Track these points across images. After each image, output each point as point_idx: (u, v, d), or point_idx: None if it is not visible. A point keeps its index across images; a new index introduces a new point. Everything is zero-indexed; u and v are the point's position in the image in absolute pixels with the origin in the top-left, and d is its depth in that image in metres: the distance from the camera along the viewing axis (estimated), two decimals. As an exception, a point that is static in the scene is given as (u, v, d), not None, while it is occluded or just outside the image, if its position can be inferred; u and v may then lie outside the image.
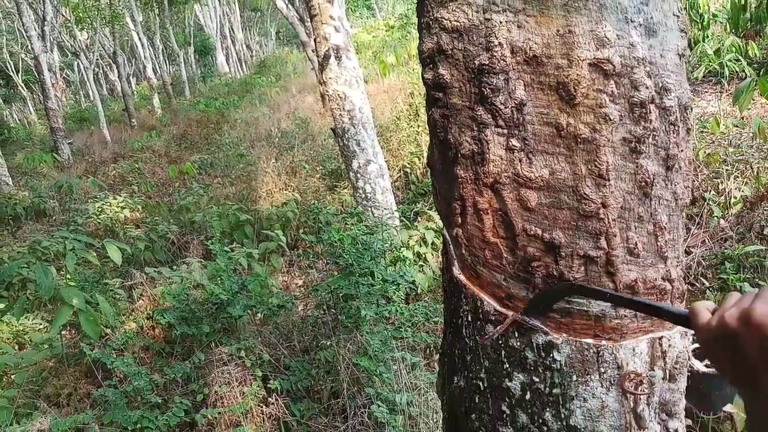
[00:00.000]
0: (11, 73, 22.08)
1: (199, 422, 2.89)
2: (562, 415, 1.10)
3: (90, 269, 5.18)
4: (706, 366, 1.42)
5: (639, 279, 1.05)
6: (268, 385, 3.36)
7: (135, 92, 25.20)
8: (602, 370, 1.07)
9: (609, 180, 1.00)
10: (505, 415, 1.17)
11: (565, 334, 1.08)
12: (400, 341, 3.20)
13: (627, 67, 0.98)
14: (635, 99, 0.99)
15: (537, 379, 1.11)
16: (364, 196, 5.28)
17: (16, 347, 5.10)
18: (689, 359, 1.33)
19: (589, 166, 0.99)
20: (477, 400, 1.22)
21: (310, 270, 5.16)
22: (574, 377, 1.08)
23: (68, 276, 4.45)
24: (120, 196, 10.12)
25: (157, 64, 24.47)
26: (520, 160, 1.02)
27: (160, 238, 6.40)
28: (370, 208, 5.23)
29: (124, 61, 22.30)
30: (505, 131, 1.03)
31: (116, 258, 3.91)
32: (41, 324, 4.55)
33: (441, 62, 1.08)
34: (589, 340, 1.07)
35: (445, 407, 1.37)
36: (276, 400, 3.30)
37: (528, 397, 1.13)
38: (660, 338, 1.10)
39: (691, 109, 1.10)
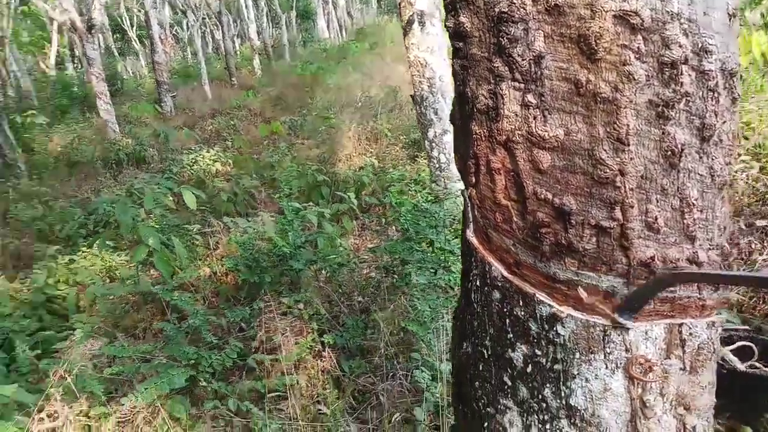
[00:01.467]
0: (126, 28, 23.41)
1: (251, 365, 3.00)
2: (562, 393, 1.05)
3: (174, 215, 5.47)
4: (750, 367, 1.31)
5: (657, 257, 0.96)
6: (323, 339, 3.44)
7: (238, 52, 26.06)
8: (608, 350, 1.00)
9: (629, 145, 0.91)
10: (506, 387, 1.13)
11: (571, 309, 1.01)
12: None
13: (658, 21, 0.89)
14: (666, 58, 0.89)
15: (539, 353, 1.06)
16: (438, 166, 5.21)
17: (108, 280, 5.51)
18: (721, 354, 1.23)
19: (608, 129, 0.91)
20: (481, 368, 1.19)
21: (379, 233, 5.20)
22: (578, 354, 1.02)
23: (152, 218, 4.70)
24: (212, 149, 10.58)
25: (261, 27, 25.11)
26: (535, 118, 0.96)
27: (242, 191, 6.64)
28: (443, 179, 5.16)
29: (229, 21, 23.06)
30: (522, 86, 0.97)
31: (191, 203, 4.10)
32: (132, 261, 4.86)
33: (462, 9, 1.02)
34: (598, 318, 1.00)
35: (453, 372, 1.34)
36: (329, 354, 3.38)
37: (529, 370, 1.08)
38: (680, 325, 1.01)
39: (740, 76, 0.99)
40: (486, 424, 1.19)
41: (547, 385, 1.06)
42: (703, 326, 1.04)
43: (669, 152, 0.93)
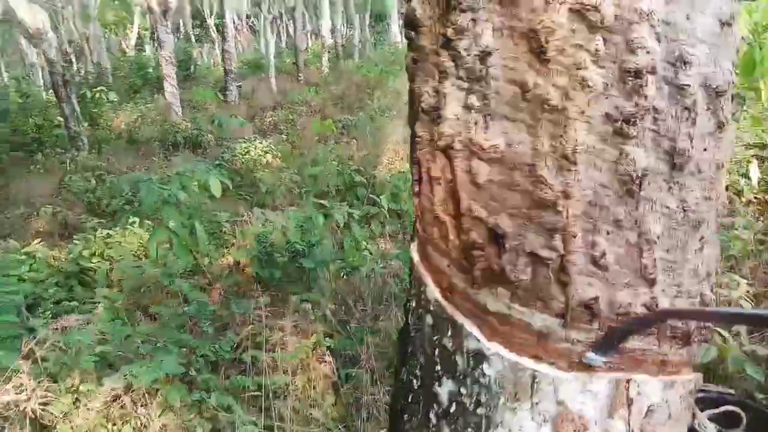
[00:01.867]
0: (205, 15, 24.11)
1: (246, 361, 2.94)
2: (484, 442, 0.91)
3: (213, 202, 5.49)
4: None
5: (602, 298, 0.82)
6: (326, 343, 3.35)
7: (309, 49, 26.42)
8: (536, 400, 0.86)
9: (576, 164, 0.78)
10: (431, 425, 1.00)
11: (500, 346, 0.88)
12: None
13: (623, 21, 0.75)
14: (629, 65, 0.75)
15: (464, 392, 0.93)
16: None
17: (143, 258, 5.58)
18: (699, 421, 1.06)
19: (554, 143, 0.78)
20: (410, 399, 1.06)
21: (403, 241, 5.08)
22: (502, 400, 0.88)
23: (185, 202, 4.72)
24: (266, 141, 10.68)
25: (335, 25, 25.39)
26: (476, 123, 0.83)
27: (282, 185, 6.65)
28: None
29: (304, 17, 23.40)
30: (466, 85, 0.84)
31: (216, 191, 4.10)
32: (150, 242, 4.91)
33: (413, -6, 0.91)
34: (527, 361, 0.86)
35: (391, 401, 1.22)
36: (329, 359, 3.29)
37: (453, 410, 0.95)
38: (628, 381, 0.86)
39: (731, 97, 0.83)
40: (411, 462, 1.06)
41: (470, 429, 0.93)
42: (660, 386, 0.88)
43: (626, 177, 0.78)
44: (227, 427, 2.79)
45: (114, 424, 2.67)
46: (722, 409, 1.18)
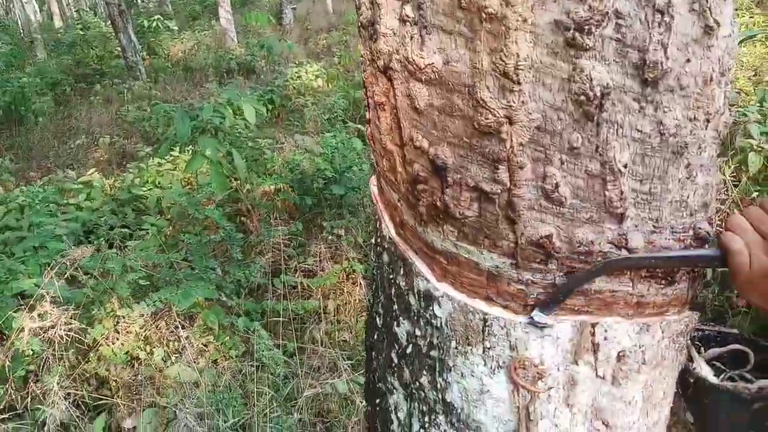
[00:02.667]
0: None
1: (277, 287, 2.99)
2: (438, 386, 0.86)
3: (251, 128, 5.49)
4: (727, 379, 1.04)
5: (558, 236, 0.72)
6: (357, 267, 3.36)
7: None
8: (488, 345, 0.79)
9: (520, 84, 0.66)
10: (393, 364, 0.96)
11: (450, 286, 0.81)
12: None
13: None
14: (580, -42, 0.62)
15: (419, 333, 0.87)
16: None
17: (189, 187, 5.72)
18: (687, 363, 0.97)
19: (494, 59, 0.67)
20: (375, 337, 1.01)
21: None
22: (453, 344, 0.82)
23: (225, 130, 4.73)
24: (317, 64, 10.52)
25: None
26: (412, 38, 0.72)
27: (327, 110, 6.56)
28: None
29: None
30: (401, -7, 0.73)
31: (250, 117, 4.06)
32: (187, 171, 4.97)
33: None
34: (477, 302, 0.79)
35: (365, 334, 1.18)
36: (363, 282, 3.30)
37: (409, 351, 0.90)
38: (593, 325, 0.78)
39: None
40: (378, 400, 1.02)
41: (425, 372, 0.87)
42: (632, 329, 0.79)
43: (582, 97, 0.67)
44: (260, 349, 2.87)
45: (154, 347, 2.80)
46: (729, 347, 1.07)
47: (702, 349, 1.05)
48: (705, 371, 0.99)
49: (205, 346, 2.95)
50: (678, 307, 0.86)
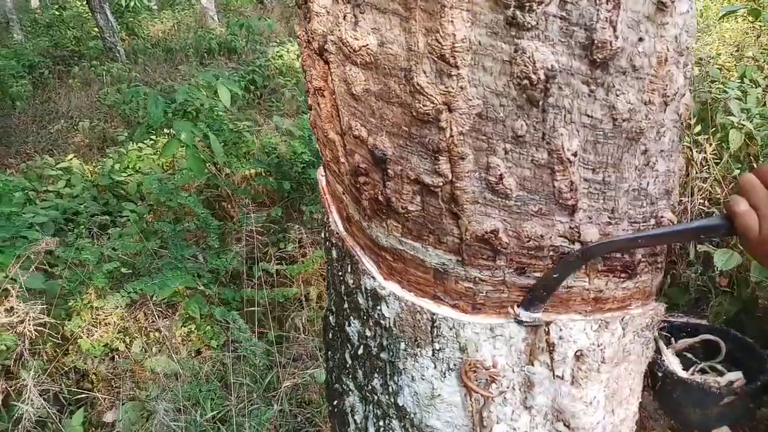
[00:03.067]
0: None
1: (256, 274, 2.94)
2: (390, 389, 0.82)
3: (229, 111, 5.38)
4: (697, 372, 1.00)
5: (505, 231, 0.67)
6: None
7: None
8: (437, 346, 0.74)
9: (458, 68, 0.61)
10: (347, 365, 0.91)
11: (397, 285, 0.76)
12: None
13: None
14: (518, -73, 0.56)
15: (368, 334, 0.82)
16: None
17: (170, 171, 5.62)
18: (663, 359, 0.94)
19: (430, 40, 0.61)
20: (330, 336, 0.97)
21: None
22: (403, 345, 0.77)
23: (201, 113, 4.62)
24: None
25: None
26: (345, 17, 0.66)
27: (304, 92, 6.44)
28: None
29: None
30: (333, -30, 0.67)
31: (225, 99, 3.97)
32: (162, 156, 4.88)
33: None
34: (425, 302, 0.74)
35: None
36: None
37: (361, 352, 0.85)
38: (548, 324, 0.73)
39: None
40: (336, 401, 0.98)
41: (376, 375, 0.83)
42: (589, 327, 0.75)
43: (525, 81, 0.61)
44: (238, 339, 2.83)
45: (133, 338, 2.75)
46: (700, 338, 1.04)
47: (672, 340, 1.01)
48: (674, 364, 0.95)
49: (186, 335, 2.90)
50: (641, 300, 0.82)
